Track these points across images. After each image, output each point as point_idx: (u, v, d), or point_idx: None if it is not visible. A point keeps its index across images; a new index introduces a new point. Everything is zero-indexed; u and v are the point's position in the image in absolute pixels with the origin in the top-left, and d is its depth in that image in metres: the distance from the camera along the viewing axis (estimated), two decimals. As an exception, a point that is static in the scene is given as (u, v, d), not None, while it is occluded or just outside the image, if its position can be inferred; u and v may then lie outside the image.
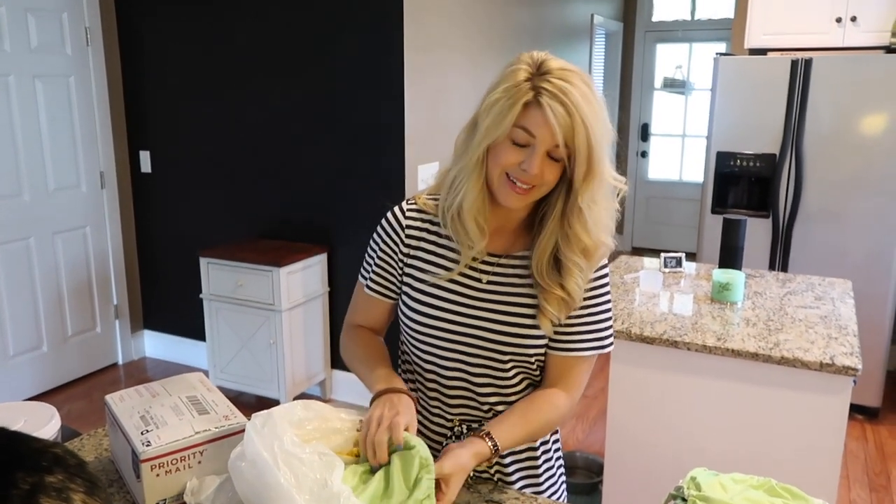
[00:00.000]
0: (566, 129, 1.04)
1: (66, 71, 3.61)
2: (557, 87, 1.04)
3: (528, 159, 1.08)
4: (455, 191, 1.17)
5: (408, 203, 1.28)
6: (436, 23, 3.38)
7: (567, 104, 1.04)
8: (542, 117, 1.05)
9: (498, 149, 1.11)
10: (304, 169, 3.50)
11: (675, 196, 6.63)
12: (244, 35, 3.50)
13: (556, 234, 1.15)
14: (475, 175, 1.14)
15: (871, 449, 3.22)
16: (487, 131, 1.10)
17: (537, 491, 1.33)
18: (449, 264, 1.22)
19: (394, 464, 1.06)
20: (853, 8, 3.47)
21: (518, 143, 1.09)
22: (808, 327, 2.09)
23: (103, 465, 1.26)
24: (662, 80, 6.59)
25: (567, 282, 1.17)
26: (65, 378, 3.78)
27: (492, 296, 1.21)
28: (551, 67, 1.07)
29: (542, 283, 1.18)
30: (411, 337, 1.26)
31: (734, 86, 3.53)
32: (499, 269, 1.22)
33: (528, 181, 1.10)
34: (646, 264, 2.80)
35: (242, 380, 3.46)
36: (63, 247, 3.70)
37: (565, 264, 1.16)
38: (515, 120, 1.07)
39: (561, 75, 1.06)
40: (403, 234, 1.25)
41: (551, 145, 1.07)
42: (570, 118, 1.04)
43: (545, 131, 1.05)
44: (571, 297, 1.18)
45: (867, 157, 3.32)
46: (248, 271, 3.30)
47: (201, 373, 1.36)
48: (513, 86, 1.07)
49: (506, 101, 1.07)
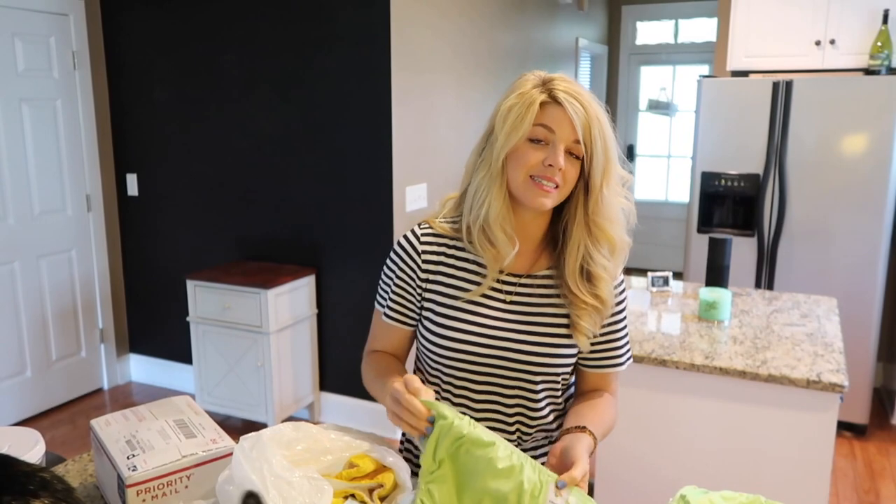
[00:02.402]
0: (584, 123, 1.11)
1: (52, 94, 3.61)
2: (568, 89, 1.13)
3: (551, 154, 1.12)
4: (478, 204, 1.18)
5: (421, 227, 1.27)
6: (423, 44, 3.42)
7: (581, 100, 1.12)
8: (560, 113, 1.12)
9: (518, 153, 1.14)
10: (291, 191, 3.50)
11: (662, 216, 6.68)
12: (231, 58, 3.52)
13: (583, 239, 1.18)
14: (497, 184, 1.16)
15: (860, 466, 3.23)
16: (508, 136, 1.14)
17: None
18: (471, 286, 1.22)
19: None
20: (832, 31, 3.54)
21: (538, 141, 1.13)
22: (794, 345, 2.10)
23: (88, 491, 1.24)
24: (647, 101, 6.67)
25: (599, 289, 1.20)
26: (49, 404, 3.73)
27: (517, 316, 1.22)
28: (556, 77, 1.15)
29: (576, 293, 1.20)
30: (437, 362, 1.24)
31: (717, 107, 3.58)
32: (522, 288, 1.23)
33: (553, 178, 1.13)
34: (633, 283, 2.82)
35: (230, 403, 3.43)
36: (48, 270, 3.66)
37: (594, 272, 1.20)
38: (535, 119, 1.12)
39: (567, 81, 1.15)
40: (420, 260, 1.24)
41: (570, 141, 1.12)
42: (586, 113, 1.12)
43: (565, 125, 1.12)
44: (605, 304, 1.21)
45: (849, 175, 3.37)
46: (236, 293, 3.28)
47: (188, 396, 1.34)
48: (524, 92, 1.14)
49: (522, 103, 1.13)
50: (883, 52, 3.38)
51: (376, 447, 1.16)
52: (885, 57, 3.39)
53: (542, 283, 1.23)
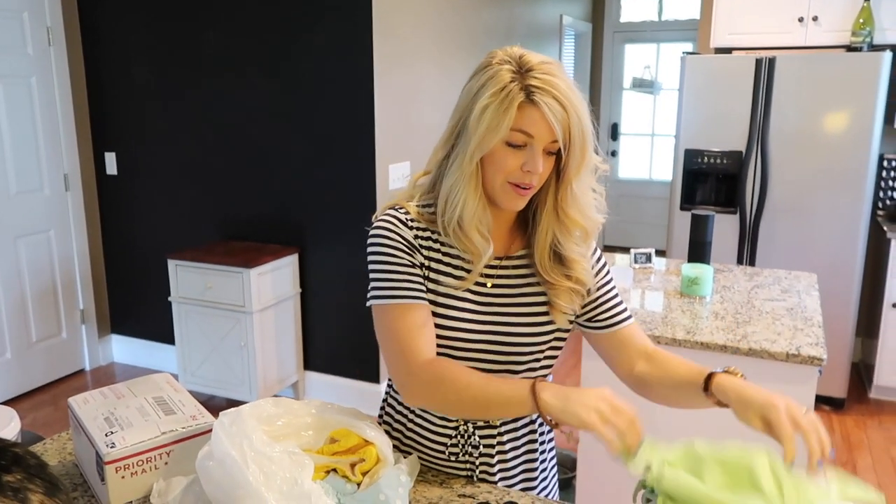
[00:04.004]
0: (563, 123, 1.05)
1: (27, 72, 3.53)
2: (547, 83, 1.04)
3: (530, 160, 1.08)
4: (452, 206, 1.13)
5: (400, 211, 1.18)
6: (405, 22, 3.38)
7: (560, 98, 1.04)
8: (538, 116, 1.04)
9: (495, 156, 1.09)
10: (273, 169, 3.47)
11: (646, 195, 6.70)
12: (211, 33, 3.46)
13: (552, 227, 1.16)
14: (472, 185, 1.11)
15: (838, 439, 3.28)
16: (483, 139, 1.07)
17: (529, 487, 1.33)
18: (456, 272, 1.19)
19: None
20: (815, 8, 3.54)
21: (515, 145, 1.08)
22: (774, 319, 2.12)
23: (67, 470, 1.23)
24: (631, 80, 6.65)
25: (573, 271, 1.18)
26: (30, 385, 3.70)
27: (499, 299, 1.21)
28: (532, 63, 1.06)
29: (549, 279, 1.19)
30: None
31: (701, 84, 3.58)
32: (501, 270, 1.22)
33: (531, 183, 1.10)
34: (617, 261, 2.83)
35: (213, 383, 3.42)
36: (26, 251, 3.61)
37: (567, 256, 1.18)
38: (512, 123, 1.05)
39: (544, 69, 1.05)
40: (417, 244, 1.18)
41: (549, 141, 1.07)
42: (565, 112, 1.05)
43: (543, 128, 1.05)
44: (582, 284, 1.20)
45: (831, 152, 3.38)
46: (218, 273, 3.25)
47: (168, 374, 1.33)
48: (500, 89, 1.05)
49: (497, 106, 1.04)
50: (865, 29, 3.39)
51: (357, 422, 1.16)
52: (867, 34, 3.40)
53: (519, 264, 1.23)
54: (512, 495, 1.18)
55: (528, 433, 1.31)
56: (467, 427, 1.25)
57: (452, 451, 1.26)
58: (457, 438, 1.25)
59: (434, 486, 1.20)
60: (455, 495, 1.18)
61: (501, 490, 1.20)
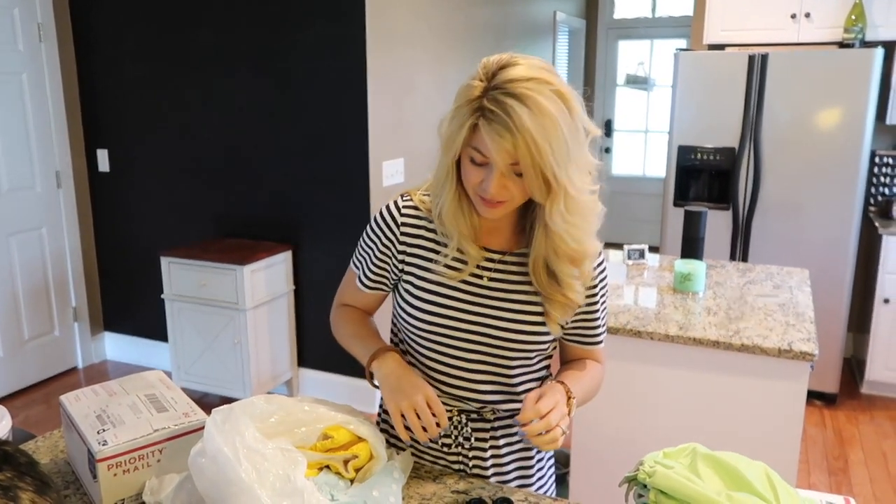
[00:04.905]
0: (509, 151, 1.00)
1: (18, 68, 3.51)
2: (502, 107, 0.99)
3: (486, 179, 1.07)
4: (437, 199, 1.17)
5: (403, 199, 1.24)
6: (398, 18, 3.37)
7: (510, 126, 0.99)
8: (487, 140, 1.02)
9: (463, 165, 1.10)
10: (267, 166, 3.46)
11: (639, 191, 6.71)
12: (203, 30, 3.44)
13: (544, 244, 1.13)
14: (448, 184, 1.13)
15: (830, 434, 3.30)
16: (444, 150, 1.10)
17: (525, 484, 1.33)
18: (451, 262, 1.19)
19: None
20: (807, 4, 3.55)
21: (476, 163, 1.07)
22: (766, 315, 2.13)
23: (59, 468, 1.22)
24: (625, 76, 6.66)
25: (566, 291, 1.17)
26: (22, 383, 3.68)
27: (495, 293, 1.20)
28: (504, 80, 1.01)
29: (543, 292, 1.19)
30: (412, 334, 1.24)
31: (694, 81, 3.59)
32: (500, 265, 1.21)
33: (492, 200, 1.09)
34: (610, 257, 2.83)
35: (207, 381, 3.41)
36: (18, 248, 3.59)
37: (559, 276, 1.16)
38: (466, 141, 1.05)
39: (512, 89, 1.00)
40: (399, 232, 1.22)
41: (506, 164, 1.03)
42: (513, 141, 0.99)
43: (498, 152, 1.02)
44: (573, 302, 1.19)
45: (823, 149, 3.40)
46: (211, 270, 3.24)
47: (160, 371, 1.33)
48: (464, 104, 1.04)
49: (456, 121, 1.05)
50: (857, 26, 3.40)
51: (351, 419, 1.16)
52: (859, 30, 3.41)
53: (520, 261, 1.22)
54: (505, 491, 1.19)
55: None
56: (460, 418, 1.26)
57: (445, 443, 1.26)
58: (449, 430, 1.26)
59: (427, 481, 1.21)
60: (448, 491, 1.18)
61: (495, 486, 1.20)
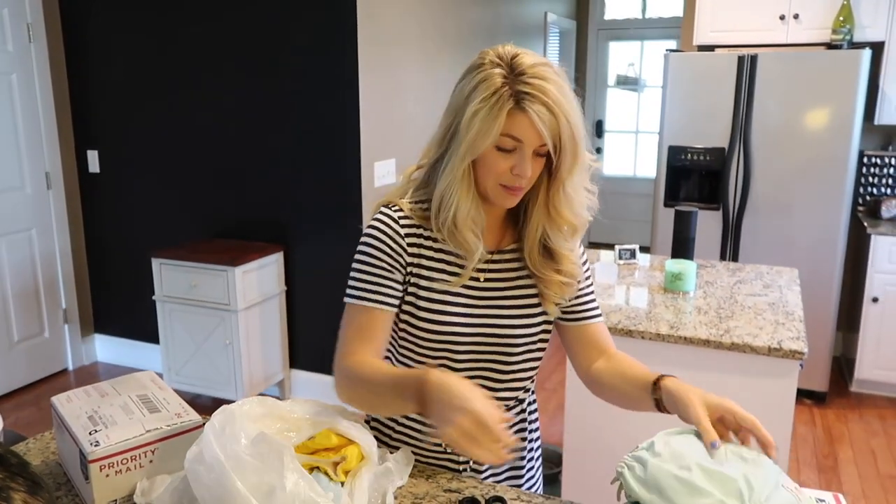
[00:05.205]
0: (553, 129, 1.05)
1: (7, 68, 3.49)
2: (537, 88, 1.04)
3: (519, 164, 1.09)
4: (446, 207, 1.15)
5: (393, 210, 1.21)
6: (390, 19, 3.37)
7: (549, 104, 1.04)
8: (527, 122, 1.05)
9: (486, 159, 1.10)
10: (258, 167, 3.45)
11: (630, 192, 6.73)
12: (194, 29, 3.44)
13: (542, 222, 1.18)
14: (464, 186, 1.13)
15: (820, 432, 3.33)
16: (473, 145, 1.08)
17: (517, 484, 1.33)
18: (451, 269, 1.20)
19: None
20: (796, 6, 3.58)
21: (504, 149, 1.08)
22: (756, 314, 2.14)
23: (51, 469, 1.22)
24: (615, 77, 6.68)
25: (563, 266, 1.20)
26: (12, 385, 3.66)
27: (492, 293, 1.22)
28: (524, 65, 1.05)
29: (539, 273, 1.21)
30: (418, 344, 1.22)
31: (684, 82, 3.61)
32: (493, 265, 1.23)
33: (521, 185, 1.12)
34: (601, 257, 2.84)
35: (198, 382, 3.40)
36: (7, 250, 3.57)
37: (556, 251, 1.19)
38: (502, 129, 1.06)
39: (536, 73, 1.05)
40: (405, 243, 1.19)
41: (538, 145, 1.08)
42: (554, 118, 1.05)
43: (532, 134, 1.06)
44: (572, 277, 1.22)
45: (811, 149, 3.42)
46: (203, 271, 3.24)
47: (152, 372, 1.33)
48: (491, 94, 1.05)
49: (487, 111, 1.05)
50: (845, 27, 3.43)
51: (342, 421, 1.16)
52: (847, 31, 3.43)
53: (511, 258, 1.24)
54: (498, 490, 1.19)
55: (518, 431, 1.32)
56: None
57: (436, 443, 1.27)
58: None
59: (420, 481, 1.21)
60: (441, 490, 1.18)
61: (488, 485, 1.21)
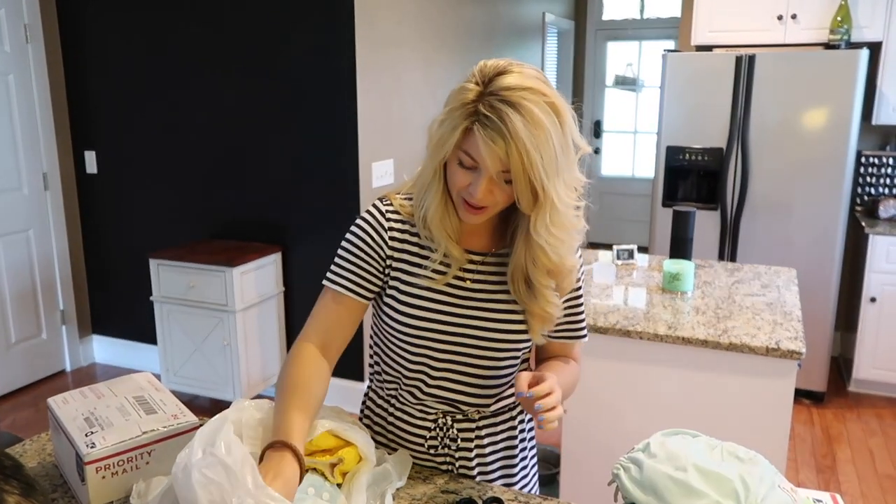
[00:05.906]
0: (502, 159, 1.01)
1: (4, 69, 3.49)
2: (498, 114, 0.99)
3: (474, 183, 1.06)
4: (422, 203, 1.16)
5: (384, 203, 1.22)
6: (387, 19, 3.37)
7: (504, 132, 0.99)
8: (480, 144, 1.01)
9: (450, 167, 1.10)
10: (256, 168, 3.45)
11: (628, 192, 6.74)
12: (192, 30, 3.43)
13: (524, 253, 1.13)
14: (434, 187, 1.13)
15: (818, 432, 3.33)
16: (433, 152, 1.09)
17: (508, 483, 1.33)
18: (434, 265, 1.19)
19: None
20: (793, 6, 3.58)
21: (464, 166, 1.07)
22: (754, 314, 2.14)
23: (47, 471, 1.22)
24: (614, 77, 6.68)
25: (543, 304, 1.17)
26: (9, 387, 3.65)
27: (478, 294, 1.20)
28: (500, 86, 1.01)
29: (521, 303, 1.19)
30: (398, 340, 1.23)
31: (682, 82, 3.61)
32: (482, 267, 1.21)
33: (477, 205, 1.09)
34: (599, 257, 2.84)
35: (196, 383, 3.40)
36: (5, 251, 3.57)
37: (536, 287, 1.16)
38: (458, 144, 1.05)
39: (507, 96, 1.00)
40: (387, 236, 1.19)
41: (497, 171, 1.03)
42: (506, 147, 0.99)
43: (488, 158, 1.02)
44: (551, 316, 1.19)
45: (809, 149, 3.42)
46: (200, 272, 3.23)
47: (149, 373, 1.32)
48: (457, 107, 1.04)
49: (449, 123, 1.05)
50: (842, 27, 3.43)
51: (339, 422, 1.15)
52: (845, 31, 3.44)
53: (502, 262, 1.22)
54: (495, 490, 1.19)
55: (508, 429, 1.31)
56: (446, 420, 1.26)
57: (431, 444, 1.27)
58: (435, 431, 1.26)
59: (417, 482, 1.21)
60: (438, 491, 1.18)
61: (484, 486, 1.21)
